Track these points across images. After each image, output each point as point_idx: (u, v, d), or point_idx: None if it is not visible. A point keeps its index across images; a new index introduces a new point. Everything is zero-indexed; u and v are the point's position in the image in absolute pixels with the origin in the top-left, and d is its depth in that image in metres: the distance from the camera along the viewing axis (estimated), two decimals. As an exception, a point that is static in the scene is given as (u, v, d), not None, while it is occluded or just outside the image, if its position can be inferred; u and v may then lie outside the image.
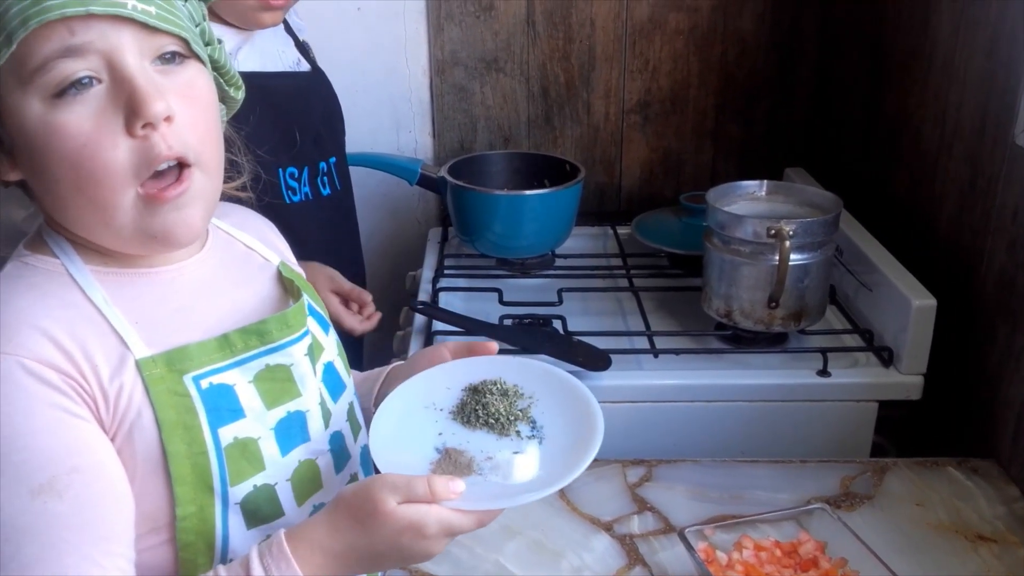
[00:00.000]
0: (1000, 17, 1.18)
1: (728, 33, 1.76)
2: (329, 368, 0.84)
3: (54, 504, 0.64)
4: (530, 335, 1.31)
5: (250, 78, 1.08)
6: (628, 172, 1.86)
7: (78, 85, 0.65)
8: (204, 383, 0.72)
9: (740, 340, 1.33)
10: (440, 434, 0.82)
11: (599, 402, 0.86)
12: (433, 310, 1.38)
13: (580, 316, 1.42)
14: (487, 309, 1.44)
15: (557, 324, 1.35)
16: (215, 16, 1.21)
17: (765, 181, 1.39)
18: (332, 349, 0.86)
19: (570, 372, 0.88)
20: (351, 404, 0.87)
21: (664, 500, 1.11)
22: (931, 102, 1.36)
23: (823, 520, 0.98)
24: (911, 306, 1.21)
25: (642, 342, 1.31)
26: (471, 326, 1.31)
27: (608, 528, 1.06)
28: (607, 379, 1.24)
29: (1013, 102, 1.15)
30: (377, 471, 0.75)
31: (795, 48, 1.77)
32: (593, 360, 1.23)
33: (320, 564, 0.69)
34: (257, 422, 0.75)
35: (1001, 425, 1.17)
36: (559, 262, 1.61)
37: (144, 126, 0.66)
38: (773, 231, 1.23)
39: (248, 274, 0.83)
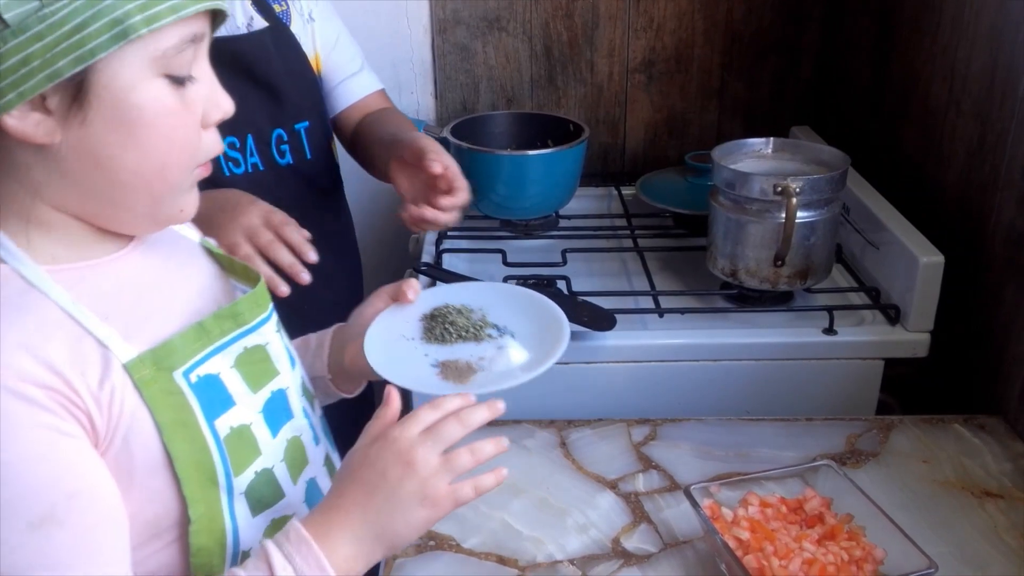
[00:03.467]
0: (1012, -32, 1.16)
1: (734, -10, 1.73)
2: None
3: (57, 533, 0.61)
4: (534, 295, 1.31)
5: None
6: (632, 132, 1.84)
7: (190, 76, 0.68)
8: (193, 376, 0.71)
9: (745, 299, 1.33)
10: (426, 355, 0.91)
11: (605, 363, 1.01)
12: (436, 271, 1.37)
13: (584, 276, 1.41)
14: (491, 270, 1.43)
15: (561, 284, 1.34)
16: None
17: (771, 139, 1.37)
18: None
19: (576, 332, 0.92)
20: (302, 375, 0.87)
21: (669, 458, 1.11)
22: (940, 57, 1.34)
23: (828, 477, 0.97)
24: (918, 263, 1.20)
25: (647, 302, 1.31)
26: (475, 287, 1.30)
27: (613, 486, 1.06)
28: (612, 339, 1.24)
29: (1023, 57, 1.13)
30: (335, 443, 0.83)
31: (802, 5, 1.74)
32: (598, 320, 1.22)
33: (338, 537, 0.68)
34: (247, 407, 0.75)
35: (1008, 382, 1.17)
36: (563, 223, 1.60)
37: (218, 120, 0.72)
38: (780, 188, 1.21)
39: (183, 256, 0.80)
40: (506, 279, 1.35)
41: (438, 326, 0.94)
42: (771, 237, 1.25)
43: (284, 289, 0.98)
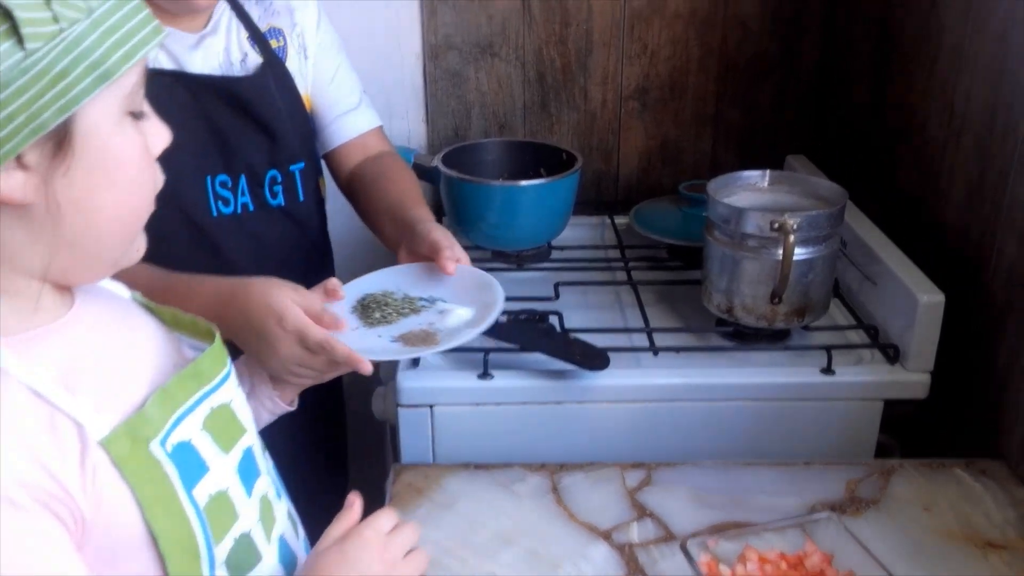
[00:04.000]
0: (1013, 2, 1.14)
1: (729, 17, 1.71)
2: None
3: None
4: (525, 332, 1.28)
5: (174, 80, 1.08)
6: (626, 160, 1.81)
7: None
8: (168, 445, 0.67)
9: (742, 336, 1.30)
10: (379, 336, 0.98)
11: (598, 403, 1.13)
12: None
13: (577, 311, 1.38)
14: (482, 304, 1.40)
15: (554, 319, 1.32)
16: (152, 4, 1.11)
17: (768, 171, 1.34)
18: None
19: (568, 371, 1.05)
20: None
21: (664, 506, 1.08)
22: (938, 90, 1.32)
23: (829, 529, 0.94)
24: (918, 302, 1.18)
25: (641, 339, 1.28)
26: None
27: (607, 536, 1.03)
28: (605, 378, 1.21)
29: (1026, 92, 1.11)
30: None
31: (798, 33, 1.72)
32: (591, 359, 1.19)
33: None
34: (221, 471, 0.72)
35: (1010, 425, 1.14)
36: (555, 254, 1.57)
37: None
38: (777, 225, 1.19)
39: (123, 313, 0.75)
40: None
41: (375, 311, 1.02)
42: (768, 274, 1.22)
43: (369, 367, 0.92)
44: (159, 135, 0.69)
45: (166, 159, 1.01)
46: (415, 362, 1.23)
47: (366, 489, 0.94)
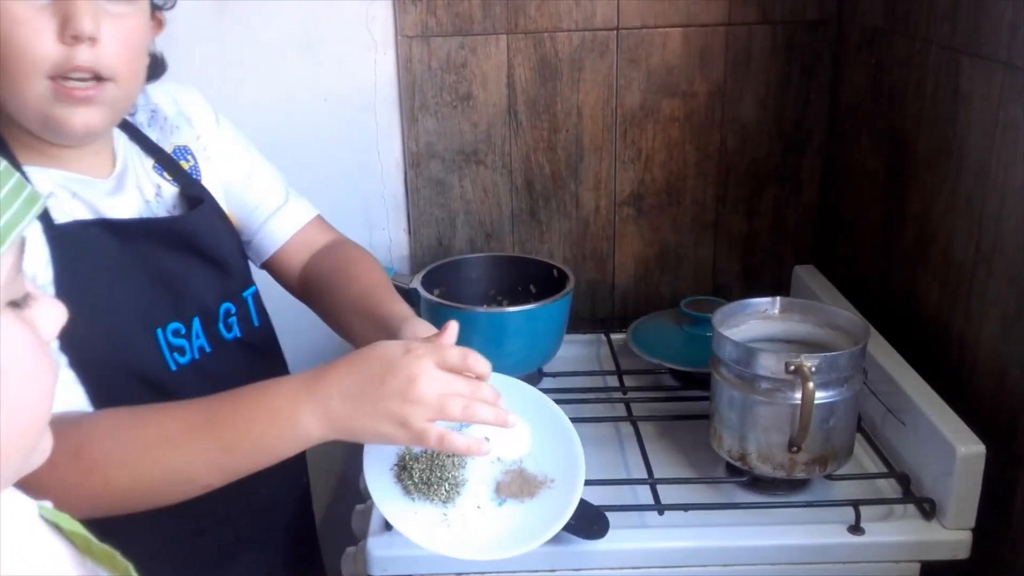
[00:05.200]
0: (1044, 122, 1.03)
1: (727, 119, 1.61)
2: None
3: None
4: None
5: (100, 230, 0.94)
6: (622, 269, 1.70)
7: None
8: None
9: (757, 484, 1.16)
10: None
11: (596, 570, 1.07)
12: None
13: (572, 453, 1.24)
14: (467, 444, 1.26)
15: (546, 466, 1.18)
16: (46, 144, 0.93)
17: (778, 298, 1.22)
18: None
19: (562, 536, 0.96)
20: None
21: None
22: (964, 208, 1.21)
23: None
24: (956, 453, 1.05)
25: (644, 493, 1.14)
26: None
27: None
28: (605, 543, 1.07)
29: (1067, 221, 0.99)
30: None
31: (802, 135, 1.62)
32: (587, 525, 1.05)
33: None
34: None
35: (1069, 598, 1.00)
36: (547, 381, 1.44)
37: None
38: (793, 367, 1.06)
39: (18, 538, 0.60)
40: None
41: (416, 472, 0.94)
42: (784, 419, 1.09)
43: (487, 448, 0.88)
44: (51, 316, 0.57)
45: (109, 317, 0.88)
46: (386, 525, 1.09)
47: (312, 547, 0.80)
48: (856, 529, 1.08)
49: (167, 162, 1.06)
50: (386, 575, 1.07)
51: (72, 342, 0.86)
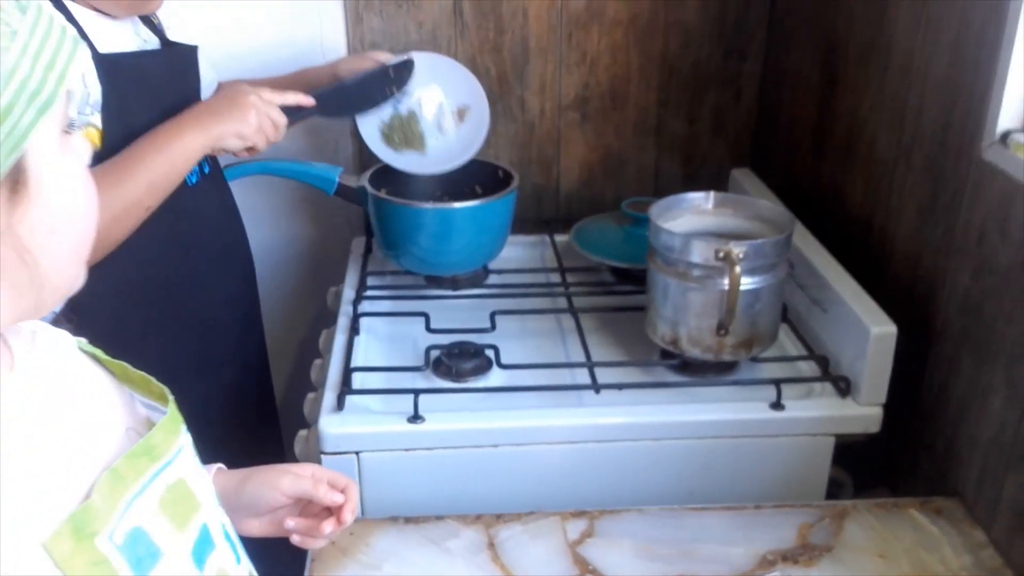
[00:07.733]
0: (966, 15, 1.08)
1: (670, 23, 1.64)
2: None
3: None
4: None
5: (119, 60, 1.11)
6: (567, 173, 1.74)
7: None
8: (118, 537, 0.57)
9: (687, 368, 1.23)
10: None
11: (537, 444, 1.15)
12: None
13: (514, 341, 1.30)
14: (414, 334, 1.31)
15: (490, 353, 1.23)
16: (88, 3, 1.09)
17: (712, 193, 1.28)
18: None
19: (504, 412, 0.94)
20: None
21: (608, 560, 1.01)
22: (888, 104, 1.26)
23: (782, 589, 0.88)
24: (869, 333, 1.12)
25: (583, 375, 1.20)
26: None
27: (546, 601, 0.96)
28: (545, 418, 1.14)
29: (980, 112, 1.05)
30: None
31: (742, 40, 1.66)
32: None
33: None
34: (175, 554, 0.62)
35: (966, 463, 1.09)
36: (493, 278, 1.49)
37: None
38: (722, 254, 1.12)
39: (63, 366, 0.64)
40: (430, 348, 1.24)
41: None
42: (714, 305, 1.16)
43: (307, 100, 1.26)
44: (84, 144, 0.63)
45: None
46: (340, 405, 1.14)
47: (292, 547, 0.86)
48: (777, 406, 1.16)
49: (147, 22, 1.22)
50: (337, 451, 1.12)
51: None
